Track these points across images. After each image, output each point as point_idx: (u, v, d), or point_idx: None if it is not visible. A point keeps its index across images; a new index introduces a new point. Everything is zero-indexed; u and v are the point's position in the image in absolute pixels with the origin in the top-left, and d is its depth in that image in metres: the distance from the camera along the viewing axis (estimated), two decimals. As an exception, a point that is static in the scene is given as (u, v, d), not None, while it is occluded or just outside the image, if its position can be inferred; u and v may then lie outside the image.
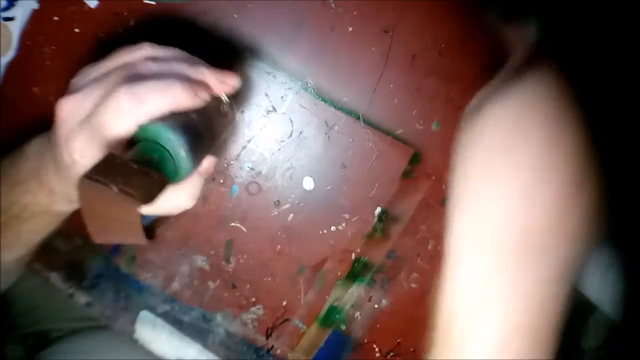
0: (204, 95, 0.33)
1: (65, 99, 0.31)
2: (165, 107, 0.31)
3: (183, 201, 0.34)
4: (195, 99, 0.32)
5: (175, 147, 0.30)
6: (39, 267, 0.49)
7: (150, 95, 0.30)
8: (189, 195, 0.34)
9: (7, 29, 0.44)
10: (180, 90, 0.31)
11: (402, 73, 0.46)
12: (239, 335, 0.51)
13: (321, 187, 0.48)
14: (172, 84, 0.31)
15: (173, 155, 0.30)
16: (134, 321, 0.51)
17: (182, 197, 0.34)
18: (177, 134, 0.30)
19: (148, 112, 0.30)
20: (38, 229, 0.39)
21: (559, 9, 0.28)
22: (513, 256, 0.22)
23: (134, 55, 0.33)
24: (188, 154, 0.30)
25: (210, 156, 0.35)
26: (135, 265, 0.50)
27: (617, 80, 0.26)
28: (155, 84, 0.31)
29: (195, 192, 0.35)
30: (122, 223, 0.25)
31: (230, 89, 0.36)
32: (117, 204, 0.25)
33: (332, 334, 0.51)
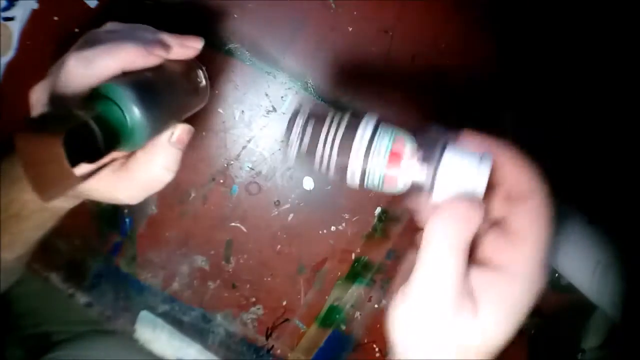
0: (159, 53, 0.32)
1: (35, 86, 0.31)
2: (114, 66, 0.30)
3: (158, 173, 0.33)
4: (147, 57, 0.31)
5: (126, 102, 0.28)
6: (39, 267, 0.49)
7: (98, 56, 0.30)
8: (163, 167, 0.33)
9: (7, 29, 0.44)
10: (131, 48, 0.30)
11: (402, 73, 0.46)
12: (239, 335, 0.51)
13: (321, 187, 0.48)
14: (122, 44, 0.30)
15: (125, 112, 0.29)
16: (134, 321, 0.51)
17: (157, 170, 0.33)
18: (128, 89, 0.29)
19: (97, 73, 0.30)
20: (37, 227, 0.39)
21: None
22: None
23: (96, 31, 0.33)
24: (141, 110, 0.29)
25: (185, 125, 0.34)
26: (135, 265, 0.50)
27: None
28: (104, 46, 0.30)
29: (170, 163, 0.33)
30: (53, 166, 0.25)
31: (193, 52, 0.35)
32: (41, 147, 0.25)
33: (332, 334, 0.51)
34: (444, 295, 0.23)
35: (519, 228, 0.24)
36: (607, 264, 0.37)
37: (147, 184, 0.34)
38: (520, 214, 0.24)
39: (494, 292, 0.24)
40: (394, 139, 0.25)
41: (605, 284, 0.37)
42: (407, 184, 0.25)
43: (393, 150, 0.24)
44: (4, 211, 0.37)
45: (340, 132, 0.25)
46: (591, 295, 0.39)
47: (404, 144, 0.24)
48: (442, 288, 0.23)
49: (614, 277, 0.36)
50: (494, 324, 0.24)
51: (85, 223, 0.49)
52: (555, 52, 0.47)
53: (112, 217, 0.49)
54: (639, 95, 0.47)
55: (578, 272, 0.40)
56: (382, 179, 0.25)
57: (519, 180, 0.24)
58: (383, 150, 0.24)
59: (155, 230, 0.49)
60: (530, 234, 0.23)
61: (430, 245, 0.23)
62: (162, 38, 0.33)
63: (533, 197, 0.24)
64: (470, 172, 0.23)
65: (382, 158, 0.24)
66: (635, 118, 0.47)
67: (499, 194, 0.26)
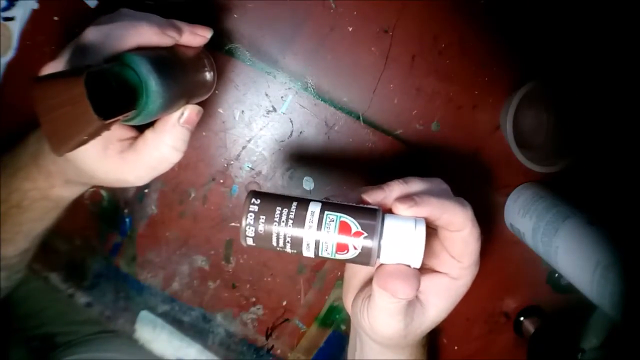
0: (172, 34, 0.33)
1: (45, 66, 0.31)
2: (130, 41, 0.31)
3: (167, 152, 0.33)
4: (161, 36, 0.32)
5: (142, 68, 0.29)
6: (39, 267, 0.49)
7: (116, 30, 0.30)
8: (171, 146, 0.33)
9: (7, 29, 0.44)
10: (147, 26, 0.32)
11: (402, 73, 0.46)
12: (239, 335, 0.51)
13: (321, 187, 0.48)
14: (138, 22, 0.32)
15: (141, 77, 0.29)
16: (134, 321, 0.51)
17: (165, 149, 0.33)
18: (144, 58, 0.29)
19: (115, 46, 0.30)
20: (38, 217, 0.39)
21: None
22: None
23: (110, 14, 0.33)
24: (156, 78, 0.29)
25: (194, 105, 0.34)
26: (135, 265, 0.50)
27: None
28: (121, 23, 0.31)
29: (178, 143, 0.34)
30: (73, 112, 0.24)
31: (202, 40, 0.36)
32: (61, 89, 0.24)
33: (332, 334, 0.51)
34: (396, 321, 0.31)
35: (457, 249, 0.32)
36: (607, 265, 0.37)
37: (155, 164, 0.34)
38: (456, 240, 0.31)
39: (440, 290, 0.33)
40: (338, 221, 0.28)
41: (605, 284, 0.37)
42: (356, 253, 0.29)
43: (341, 230, 0.28)
44: (5, 202, 0.37)
45: (290, 220, 0.28)
46: (591, 295, 0.39)
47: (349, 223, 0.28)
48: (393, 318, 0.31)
49: (614, 277, 0.36)
50: (437, 313, 0.33)
51: (85, 223, 0.49)
52: (556, 51, 0.47)
53: (112, 217, 0.49)
54: (638, 96, 0.47)
55: (578, 272, 0.40)
56: (334, 250, 0.29)
57: (455, 221, 0.30)
58: (333, 228, 0.28)
59: (155, 230, 0.49)
60: (469, 252, 0.32)
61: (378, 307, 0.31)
62: (174, 23, 0.34)
63: (464, 228, 0.31)
64: (409, 236, 0.28)
65: (333, 233, 0.28)
66: (635, 118, 0.47)
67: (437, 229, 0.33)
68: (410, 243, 0.28)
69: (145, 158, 0.33)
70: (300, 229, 0.28)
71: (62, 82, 0.24)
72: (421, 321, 0.33)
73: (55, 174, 0.36)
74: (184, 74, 0.34)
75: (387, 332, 0.32)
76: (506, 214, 0.50)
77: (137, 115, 0.29)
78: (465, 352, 0.53)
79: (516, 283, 0.52)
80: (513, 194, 0.49)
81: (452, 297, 0.33)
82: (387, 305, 0.30)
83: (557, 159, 0.45)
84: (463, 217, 0.30)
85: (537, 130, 0.48)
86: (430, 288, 0.33)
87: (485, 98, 0.47)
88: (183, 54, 0.35)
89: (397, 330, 0.32)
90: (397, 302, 0.30)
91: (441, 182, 0.34)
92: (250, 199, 0.29)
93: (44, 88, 0.24)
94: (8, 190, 0.37)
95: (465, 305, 0.52)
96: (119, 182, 0.35)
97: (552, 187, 0.47)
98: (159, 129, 0.33)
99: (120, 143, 0.33)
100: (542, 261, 0.49)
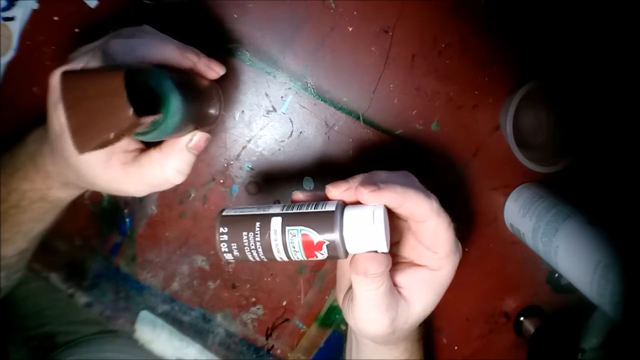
0: (191, 57, 0.34)
1: (58, 68, 0.31)
2: (153, 57, 0.31)
3: (171, 175, 0.34)
4: (182, 58, 0.33)
5: (165, 83, 0.29)
6: (39, 267, 0.49)
7: (141, 45, 0.31)
8: (177, 169, 0.34)
9: (7, 29, 0.44)
10: (170, 46, 0.33)
11: (402, 73, 0.46)
12: (239, 335, 0.51)
13: (321, 187, 0.48)
14: (162, 40, 0.33)
15: (161, 92, 0.29)
16: (134, 321, 0.51)
17: (170, 172, 0.34)
18: (166, 75, 0.30)
19: (138, 59, 0.31)
20: (37, 218, 0.39)
21: None
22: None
23: (132, 28, 0.34)
24: (176, 96, 0.29)
25: (204, 133, 0.34)
26: (135, 265, 0.50)
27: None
28: (146, 38, 0.32)
29: (184, 167, 0.34)
30: (107, 104, 0.23)
31: (215, 75, 0.37)
32: (98, 81, 0.23)
33: (332, 334, 0.51)
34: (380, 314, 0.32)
35: (428, 240, 0.32)
36: (607, 265, 0.37)
37: (157, 183, 0.34)
38: (425, 231, 0.31)
39: (421, 283, 0.33)
40: (299, 234, 0.30)
41: (605, 284, 0.37)
42: (325, 254, 0.30)
43: (304, 242, 0.30)
44: (4, 202, 0.37)
45: (257, 242, 0.31)
46: (591, 295, 0.39)
47: (309, 234, 0.30)
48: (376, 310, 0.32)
49: (614, 277, 0.36)
50: (423, 307, 0.33)
51: (85, 223, 0.49)
52: (556, 51, 0.47)
53: (112, 217, 0.49)
54: (638, 97, 0.47)
55: (578, 272, 0.40)
56: (305, 257, 0.31)
57: (418, 210, 0.31)
58: (297, 241, 0.30)
59: (155, 230, 0.49)
60: (441, 240, 0.32)
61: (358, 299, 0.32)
62: (193, 49, 0.35)
63: (430, 218, 0.31)
64: (368, 223, 0.30)
65: (299, 247, 0.30)
66: (635, 118, 0.47)
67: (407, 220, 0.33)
68: (370, 229, 0.30)
69: (148, 175, 0.34)
70: (269, 252, 0.31)
71: (99, 75, 0.24)
72: (407, 316, 0.33)
73: (54, 176, 0.36)
74: (198, 99, 0.35)
75: (372, 328, 0.33)
76: (506, 214, 0.50)
77: (153, 129, 0.29)
78: (465, 352, 0.53)
79: (516, 283, 0.52)
80: (513, 194, 0.49)
81: (435, 289, 0.33)
82: (365, 293, 0.31)
83: (557, 159, 0.45)
84: (427, 208, 0.30)
85: (537, 130, 0.48)
86: (413, 282, 0.33)
87: (485, 98, 0.47)
88: (198, 81, 0.36)
89: (382, 325, 0.32)
90: (374, 287, 0.30)
91: (407, 174, 0.34)
92: (217, 228, 0.31)
93: (77, 80, 0.24)
94: (7, 190, 0.37)
95: (466, 305, 0.52)
96: (119, 192, 0.35)
97: (552, 187, 0.47)
98: (166, 150, 0.33)
99: (124, 155, 0.33)
100: (542, 261, 0.49)
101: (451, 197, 0.49)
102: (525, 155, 0.43)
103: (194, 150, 0.34)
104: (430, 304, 0.34)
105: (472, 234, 0.50)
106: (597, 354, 0.52)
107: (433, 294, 0.33)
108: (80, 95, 0.24)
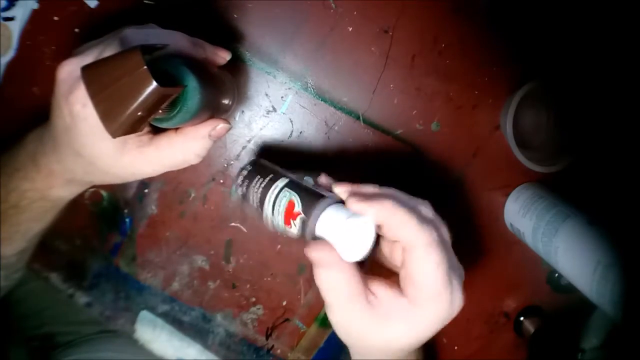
0: (203, 47, 0.35)
1: (65, 61, 0.31)
2: (169, 44, 0.32)
3: (192, 159, 0.36)
4: (194, 47, 0.35)
5: (184, 69, 0.30)
6: (39, 267, 0.49)
7: (154, 36, 0.32)
8: (197, 154, 0.35)
9: (7, 29, 0.44)
10: (181, 37, 0.34)
11: (402, 73, 0.46)
12: (239, 335, 0.51)
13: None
14: (174, 32, 0.34)
15: (182, 78, 0.30)
16: (134, 321, 0.51)
17: (190, 155, 0.35)
18: (185, 62, 0.30)
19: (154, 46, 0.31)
20: (36, 217, 0.39)
21: None
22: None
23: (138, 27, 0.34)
24: (195, 80, 0.30)
25: (224, 123, 0.36)
26: (135, 265, 0.50)
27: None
28: (158, 30, 0.33)
29: (202, 151, 0.36)
30: (130, 83, 0.24)
31: (222, 60, 0.38)
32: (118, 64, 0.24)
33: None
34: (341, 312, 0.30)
35: (414, 272, 0.29)
36: (607, 264, 0.37)
37: (175, 164, 0.36)
38: (412, 261, 0.29)
39: (401, 313, 0.30)
40: (286, 201, 0.32)
41: (605, 284, 0.37)
42: (297, 229, 0.32)
43: (288, 206, 0.32)
44: (4, 202, 0.37)
45: (261, 188, 0.35)
46: (591, 295, 0.39)
47: (295, 202, 0.32)
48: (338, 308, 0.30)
49: (614, 277, 0.36)
50: (399, 336, 0.30)
51: (85, 223, 0.49)
52: (556, 51, 0.47)
53: (112, 217, 0.49)
54: (638, 97, 0.47)
55: (578, 272, 0.40)
56: (283, 222, 0.33)
57: (403, 235, 0.29)
58: (283, 203, 0.33)
59: (155, 230, 0.49)
60: (425, 277, 0.29)
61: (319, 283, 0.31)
62: (199, 40, 0.36)
63: (417, 246, 0.28)
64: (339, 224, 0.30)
65: (282, 209, 0.33)
66: (635, 118, 0.47)
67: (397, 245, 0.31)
68: (341, 228, 0.29)
69: (167, 157, 0.35)
70: (263, 200, 0.34)
71: (118, 57, 0.24)
72: (375, 336, 0.30)
73: (57, 174, 0.36)
74: (212, 85, 0.36)
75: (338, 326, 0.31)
76: (506, 214, 0.50)
77: (175, 114, 0.30)
78: (465, 352, 0.53)
79: (516, 283, 0.52)
80: (513, 194, 0.49)
81: (412, 325, 0.30)
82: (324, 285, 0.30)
83: (557, 159, 0.45)
84: (414, 234, 0.28)
85: (537, 130, 0.48)
86: (391, 305, 0.30)
87: (485, 98, 0.47)
88: (209, 69, 0.37)
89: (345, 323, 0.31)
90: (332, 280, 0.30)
91: (424, 202, 0.32)
92: (246, 166, 0.37)
93: (97, 68, 0.24)
94: (6, 190, 0.37)
95: (465, 305, 0.52)
96: (134, 176, 0.36)
97: (552, 187, 0.47)
98: (190, 134, 0.35)
99: (139, 138, 0.34)
100: (542, 261, 0.49)
101: (451, 197, 0.49)
102: (525, 155, 0.43)
103: (214, 137, 0.36)
104: (405, 335, 0.30)
105: (472, 234, 0.50)
106: (597, 354, 0.52)
107: (408, 328, 0.30)
108: (104, 82, 0.24)
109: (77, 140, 0.32)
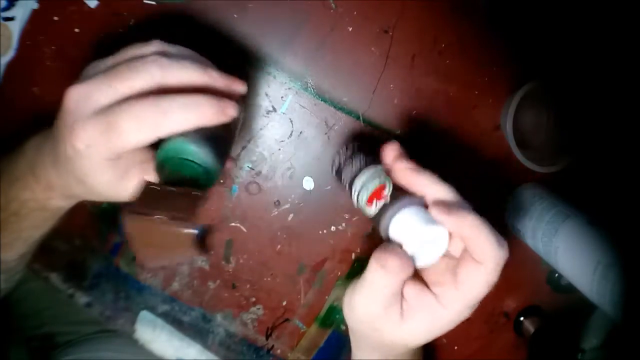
0: (231, 112, 0.32)
1: (74, 87, 0.30)
2: (189, 124, 0.30)
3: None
4: (220, 117, 0.31)
5: (204, 158, 0.30)
6: (39, 267, 0.49)
7: (176, 112, 0.30)
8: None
9: (7, 29, 0.44)
10: (207, 108, 0.31)
11: (402, 73, 0.46)
12: (239, 335, 0.51)
13: (321, 187, 0.48)
14: (199, 102, 0.30)
15: (202, 166, 0.31)
16: (134, 321, 0.51)
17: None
18: (203, 147, 0.30)
19: (170, 127, 0.30)
20: (37, 225, 0.39)
21: None
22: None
23: (144, 50, 0.32)
24: (216, 162, 0.31)
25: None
26: (135, 265, 0.50)
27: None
28: (182, 100, 0.30)
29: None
30: (174, 245, 0.26)
31: (237, 96, 0.35)
32: (167, 230, 0.26)
33: (332, 334, 0.51)
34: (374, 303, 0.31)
35: (466, 281, 0.30)
36: (607, 264, 0.37)
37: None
38: (472, 271, 0.30)
39: (425, 311, 0.31)
40: (378, 182, 0.34)
41: (605, 284, 0.37)
42: (374, 212, 0.34)
43: (378, 187, 0.34)
44: (4, 210, 0.37)
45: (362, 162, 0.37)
46: (591, 295, 0.39)
47: (386, 186, 0.34)
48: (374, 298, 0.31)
49: (614, 277, 0.36)
50: (411, 332, 0.32)
51: (85, 223, 0.49)
52: (556, 51, 0.47)
53: (112, 217, 0.49)
54: (637, 97, 0.47)
55: (578, 272, 0.40)
56: (365, 202, 0.34)
57: (479, 246, 0.29)
58: (375, 183, 0.34)
59: (155, 230, 0.49)
60: (473, 290, 0.30)
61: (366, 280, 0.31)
62: (214, 78, 0.33)
63: (487, 264, 0.30)
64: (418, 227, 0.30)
65: (371, 187, 0.34)
66: (635, 118, 0.47)
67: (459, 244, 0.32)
68: (417, 231, 0.30)
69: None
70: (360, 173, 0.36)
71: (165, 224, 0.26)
72: (393, 329, 0.32)
73: (57, 188, 0.35)
74: (231, 134, 0.36)
75: (361, 310, 0.32)
76: (506, 214, 0.50)
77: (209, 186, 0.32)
78: (465, 352, 0.53)
79: (516, 283, 0.52)
80: (513, 194, 0.49)
81: (431, 323, 0.32)
82: (376, 279, 0.31)
83: (557, 159, 0.45)
84: (493, 252, 0.29)
85: (537, 130, 0.48)
86: (415, 301, 0.32)
87: (485, 98, 0.47)
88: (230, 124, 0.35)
89: (371, 313, 0.32)
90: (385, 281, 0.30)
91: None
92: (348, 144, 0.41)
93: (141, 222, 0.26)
94: (7, 199, 0.36)
95: (465, 305, 0.52)
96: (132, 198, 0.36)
97: (552, 187, 0.47)
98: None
99: (141, 166, 0.34)
100: (542, 261, 0.49)
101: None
102: (525, 155, 0.43)
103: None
104: (420, 333, 0.32)
105: (472, 234, 0.50)
106: (597, 354, 0.52)
107: (427, 325, 0.32)
108: (147, 239, 0.27)
109: (79, 170, 0.32)
